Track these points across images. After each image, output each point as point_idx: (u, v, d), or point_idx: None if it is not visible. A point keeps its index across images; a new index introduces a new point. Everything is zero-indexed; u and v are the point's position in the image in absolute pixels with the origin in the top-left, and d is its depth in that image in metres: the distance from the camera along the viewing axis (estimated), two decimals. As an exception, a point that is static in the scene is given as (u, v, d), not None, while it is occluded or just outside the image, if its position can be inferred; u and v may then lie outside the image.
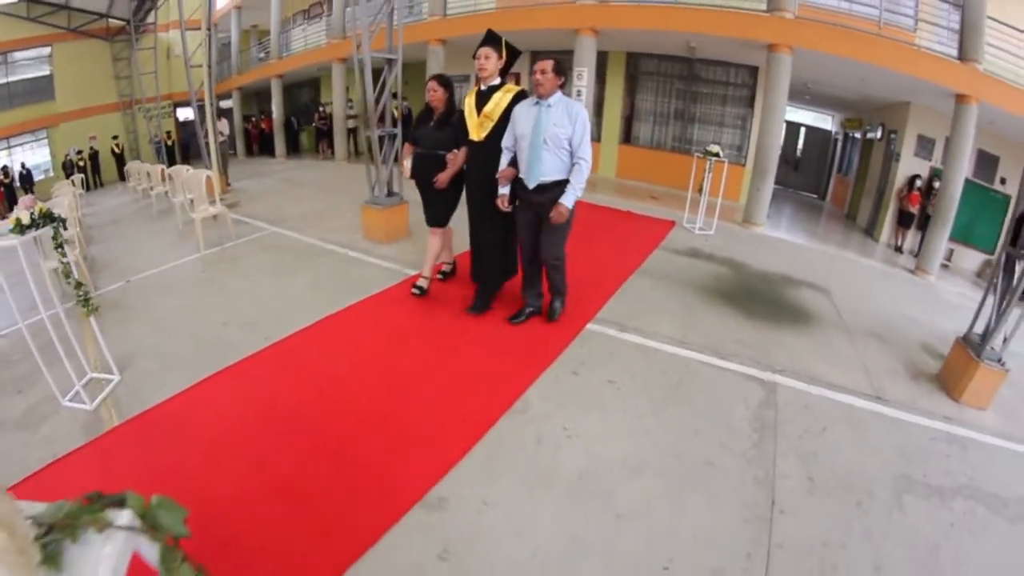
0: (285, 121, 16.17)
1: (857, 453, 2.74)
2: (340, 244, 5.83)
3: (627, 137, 10.96)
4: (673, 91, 10.21)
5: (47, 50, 17.45)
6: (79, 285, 3.65)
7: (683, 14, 7.92)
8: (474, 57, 3.74)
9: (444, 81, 4.16)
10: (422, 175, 4.24)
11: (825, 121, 13.72)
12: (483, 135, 3.80)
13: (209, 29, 10.00)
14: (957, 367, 3.47)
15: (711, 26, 7.75)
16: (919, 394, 3.40)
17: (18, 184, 16.24)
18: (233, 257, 5.98)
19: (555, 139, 3.34)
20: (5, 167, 16.25)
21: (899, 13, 7.92)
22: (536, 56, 3.50)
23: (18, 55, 17.09)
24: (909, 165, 9.19)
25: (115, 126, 18.34)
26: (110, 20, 17.65)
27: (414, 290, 4.40)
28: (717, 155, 6.34)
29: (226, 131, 12.00)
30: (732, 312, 4.30)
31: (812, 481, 2.48)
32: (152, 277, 5.57)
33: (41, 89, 17.51)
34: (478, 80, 3.91)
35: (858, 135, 11.96)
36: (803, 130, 14.13)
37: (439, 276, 4.67)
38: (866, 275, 6.63)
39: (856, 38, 7.18)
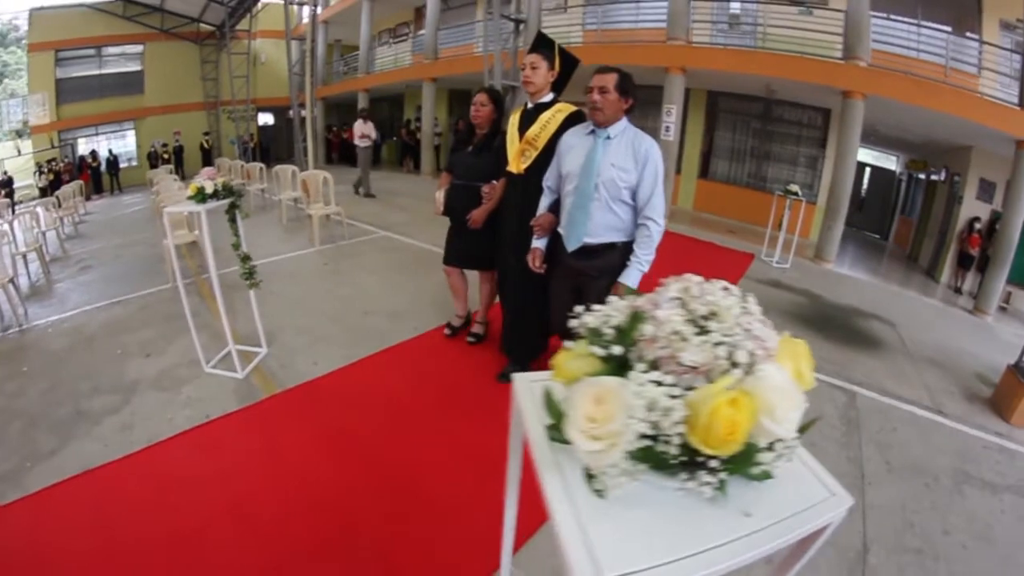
0: (370, 133, 17.24)
1: (922, 449, 3.51)
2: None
3: (705, 171, 11.69)
4: (750, 129, 10.99)
5: (139, 47, 19.13)
6: (246, 258, 3.76)
7: (767, 59, 8.74)
8: (520, 68, 3.17)
9: (495, 95, 3.54)
10: (456, 211, 3.66)
11: (890, 161, 14.17)
12: (524, 166, 3.15)
13: (313, 40, 11.01)
14: (1008, 391, 4.10)
15: (791, 71, 8.50)
16: (973, 412, 4.10)
17: (104, 169, 17.85)
18: (352, 254, 6.71)
19: (611, 185, 2.55)
20: (94, 152, 17.88)
21: (963, 60, 8.48)
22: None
23: (112, 50, 18.80)
24: (971, 208, 9.70)
25: (199, 124, 19.90)
26: (201, 25, 19.24)
27: (447, 331, 4.19)
28: (796, 194, 7.15)
29: (373, 135, 11.13)
30: (813, 335, 5.12)
31: (889, 464, 3.29)
32: (272, 265, 6.15)
33: (131, 83, 19.20)
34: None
35: (922, 176, 12.44)
36: (868, 170, 14.58)
37: (470, 339, 4.13)
38: (927, 312, 7.30)
39: (924, 86, 7.74)
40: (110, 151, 18.22)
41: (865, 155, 14.13)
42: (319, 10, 11.16)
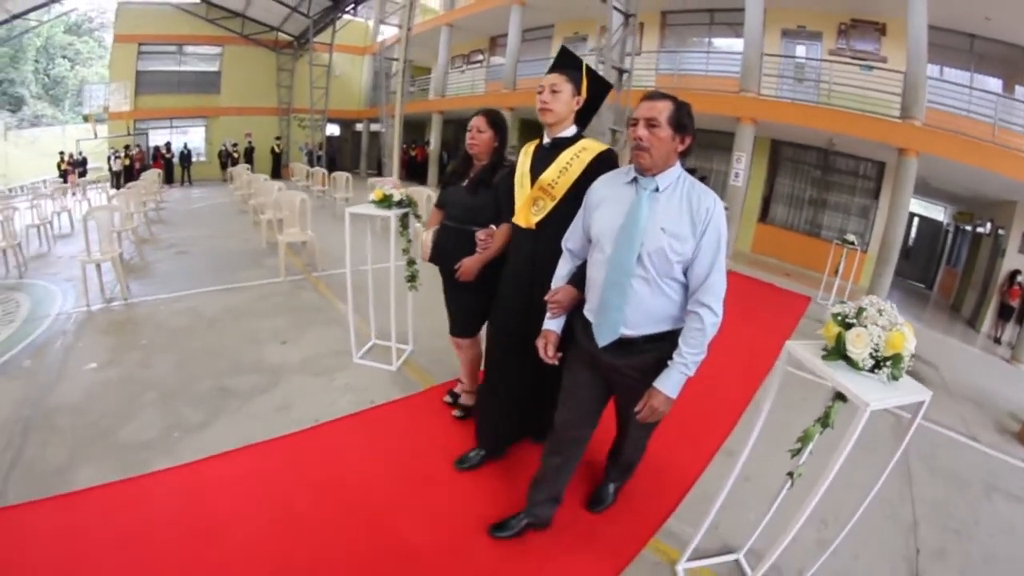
0: (439, 153, 18.18)
1: (959, 463, 4.37)
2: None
3: (764, 215, 12.56)
4: (808, 178, 11.89)
5: (218, 49, 20.75)
6: (412, 263, 3.88)
7: (832, 115, 9.64)
8: (538, 92, 2.49)
9: (494, 120, 2.97)
10: (444, 257, 3.10)
11: (937, 212, 14.77)
12: (535, 219, 2.53)
13: (405, 62, 11.95)
14: (1035, 426, 4.99)
15: (854, 128, 9.36)
16: (1003, 441, 4.95)
17: (176, 161, 19.18)
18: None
19: (660, 257, 1.93)
20: (168, 143, 19.21)
21: (1010, 122, 9.21)
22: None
23: (192, 49, 20.44)
24: (1013, 261, 10.35)
25: (269, 128, 21.43)
26: (280, 34, 20.76)
27: (457, 412, 3.59)
28: (853, 244, 8.06)
29: None
30: (865, 370, 6.02)
31: (932, 471, 4.18)
32: (377, 272, 6.14)
33: (208, 82, 20.82)
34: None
35: (968, 228, 13.04)
36: (916, 220, 15.13)
37: (458, 414, 3.59)
38: (967, 358, 8.08)
39: (975, 146, 8.48)
40: (185, 145, 19.64)
41: (913, 205, 14.52)
42: (406, 31, 12.07)
